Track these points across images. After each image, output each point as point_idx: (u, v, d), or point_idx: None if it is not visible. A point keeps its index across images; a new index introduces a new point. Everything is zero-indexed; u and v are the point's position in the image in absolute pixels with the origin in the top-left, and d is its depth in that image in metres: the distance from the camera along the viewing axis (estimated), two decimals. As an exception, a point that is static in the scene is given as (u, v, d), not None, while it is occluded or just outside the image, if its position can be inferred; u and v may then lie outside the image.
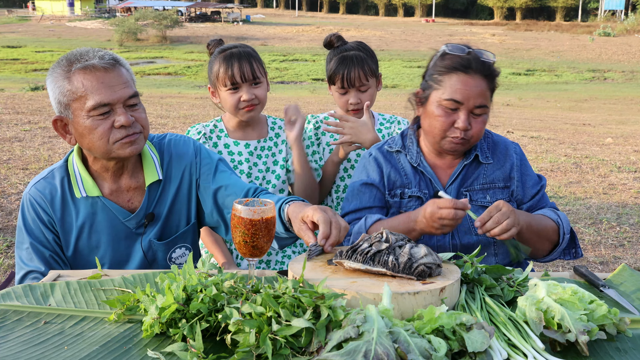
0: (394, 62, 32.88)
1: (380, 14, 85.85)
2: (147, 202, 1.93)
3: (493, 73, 1.96)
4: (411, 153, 2.09)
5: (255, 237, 1.44)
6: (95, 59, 1.76)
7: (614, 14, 69.94)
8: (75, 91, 1.75)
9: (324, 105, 14.19)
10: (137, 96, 1.84)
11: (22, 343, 1.29)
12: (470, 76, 1.91)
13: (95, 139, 1.77)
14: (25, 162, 6.72)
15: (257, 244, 1.45)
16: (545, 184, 2.15)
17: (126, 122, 1.77)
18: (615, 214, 5.60)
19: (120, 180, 1.91)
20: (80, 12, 69.15)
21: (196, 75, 28.00)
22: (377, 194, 2.09)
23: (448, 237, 2.03)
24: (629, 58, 35.73)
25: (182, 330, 1.26)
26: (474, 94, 1.91)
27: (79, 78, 1.74)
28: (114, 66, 1.78)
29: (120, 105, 1.77)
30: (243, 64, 2.36)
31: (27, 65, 29.73)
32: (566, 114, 15.20)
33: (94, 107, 1.74)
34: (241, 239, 1.45)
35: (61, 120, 1.83)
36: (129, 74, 1.84)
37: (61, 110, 1.80)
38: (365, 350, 1.08)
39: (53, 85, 1.79)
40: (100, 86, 1.74)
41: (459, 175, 2.06)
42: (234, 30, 49.42)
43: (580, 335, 1.22)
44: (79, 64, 1.76)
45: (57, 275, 1.67)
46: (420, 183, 2.07)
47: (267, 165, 2.51)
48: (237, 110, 2.41)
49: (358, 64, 2.49)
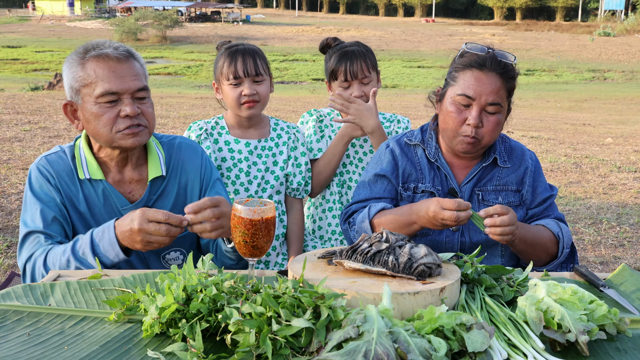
0: (394, 62, 32.88)
1: (380, 14, 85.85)
2: (147, 195, 1.94)
3: (510, 73, 1.94)
4: (430, 148, 2.09)
5: (255, 237, 1.44)
6: (109, 49, 1.82)
7: (614, 14, 69.94)
8: (86, 77, 1.79)
9: (324, 105, 14.17)
10: (147, 90, 1.87)
11: (22, 343, 1.29)
12: (484, 73, 1.90)
13: (100, 126, 1.80)
14: (25, 162, 6.72)
15: (257, 243, 1.45)
16: (556, 194, 2.14)
17: (131, 112, 1.79)
18: (615, 214, 5.60)
19: (124, 171, 1.93)
20: (80, 12, 69.18)
21: (196, 75, 28.01)
22: (388, 185, 2.09)
23: (457, 235, 2.03)
24: (629, 58, 35.73)
25: (182, 330, 1.26)
26: (486, 91, 1.89)
27: (91, 65, 1.79)
28: (127, 58, 1.83)
29: (128, 96, 1.81)
30: (247, 58, 2.38)
31: (27, 65, 29.74)
32: (566, 114, 15.21)
33: (102, 94, 1.78)
34: (241, 239, 1.45)
35: (71, 105, 1.87)
36: (142, 69, 1.88)
37: (72, 96, 1.85)
38: (365, 350, 1.08)
39: (67, 71, 1.84)
40: (111, 75, 1.79)
41: (475, 175, 2.06)
42: (234, 30, 49.41)
43: (580, 335, 1.22)
44: (93, 52, 1.81)
45: (57, 275, 1.67)
46: (435, 179, 2.06)
47: (267, 166, 2.52)
48: (238, 106, 2.41)
49: (360, 57, 2.52)
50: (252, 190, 2.48)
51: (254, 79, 2.40)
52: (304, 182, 2.57)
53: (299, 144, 2.57)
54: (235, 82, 2.39)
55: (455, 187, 2.04)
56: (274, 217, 1.46)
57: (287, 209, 2.60)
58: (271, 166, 2.52)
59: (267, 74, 2.45)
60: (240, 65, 2.37)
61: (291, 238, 2.59)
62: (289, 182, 2.56)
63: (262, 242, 1.45)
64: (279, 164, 2.53)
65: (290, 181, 2.55)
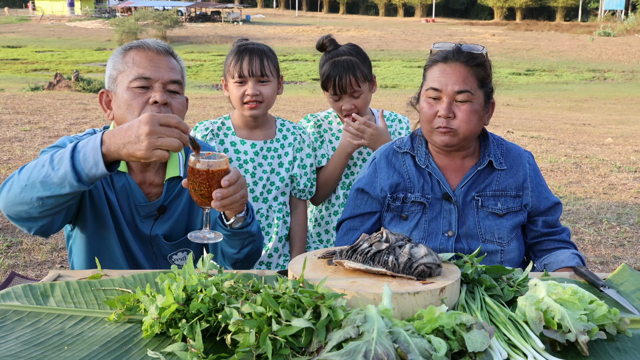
0: (394, 62, 32.88)
1: (380, 14, 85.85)
2: (164, 195, 1.94)
3: (477, 60, 1.95)
4: (420, 154, 2.08)
5: (202, 185, 1.54)
6: (152, 43, 1.88)
7: (614, 14, 69.95)
8: (124, 64, 1.84)
9: (324, 105, 14.19)
10: (180, 85, 1.89)
11: (22, 343, 1.29)
12: (449, 64, 1.94)
13: (129, 113, 1.81)
14: (25, 162, 6.72)
15: (203, 192, 1.55)
16: (560, 203, 2.14)
17: (160, 99, 1.80)
18: (615, 214, 5.60)
19: (146, 174, 1.93)
20: (80, 12, 69.21)
21: (196, 75, 28.00)
22: (367, 199, 2.11)
23: (452, 241, 2.01)
24: (629, 58, 35.73)
25: (182, 330, 1.26)
26: (452, 80, 1.92)
27: (132, 54, 1.85)
28: (166, 52, 1.88)
29: (160, 85, 1.83)
30: (253, 58, 2.37)
31: (27, 65, 29.74)
32: (566, 114, 15.21)
33: (135, 78, 1.81)
34: (191, 187, 1.55)
35: (107, 95, 1.89)
36: (179, 66, 1.91)
37: (109, 85, 1.88)
38: (365, 351, 1.08)
39: (110, 62, 1.89)
40: (148, 63, 1.83)
41: (470, 179, 2.03)
42: (234, 30, 49.40)
43: (580, 335, 1.22)
44: (136, 44, 1.88)
45: (57, 275, 1.67)
46: (424, 187, 2.05)
47: (272, 167, 2.51)
48: (241, 105, 2.41)
49: (349, 70, 2.48)
50: (257, 191, 2.48)
51: (258, 79, 2.39)
52: (310, 184, 2.56)
53: (304, 145, 2.56)
54: (239, 81, 2.39)
55: (449, 192, 2.02)
56: (222, 171, 1.55)
57: (291, 210, 2.60)
58: (277, 167, 2.52)
59: (275, 76, 2.43)
60: (245, 64, 2.36)
61: (294, 239, 2.58)
62: (296, 183, 2.55)
63: (208, 192, 1.55)
64: (284, 165, 2.52)
65: (297, 182, 2.54)
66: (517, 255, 2.05)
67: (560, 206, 2.13)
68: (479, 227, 2.01)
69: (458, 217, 2.01)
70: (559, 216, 2.11)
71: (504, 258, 2.03)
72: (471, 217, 2.01)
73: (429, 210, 2.03)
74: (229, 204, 1.59)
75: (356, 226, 2.14)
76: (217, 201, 1.55)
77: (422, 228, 2.03)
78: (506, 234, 2.02)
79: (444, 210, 2.03)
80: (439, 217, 2.03)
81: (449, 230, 2.01)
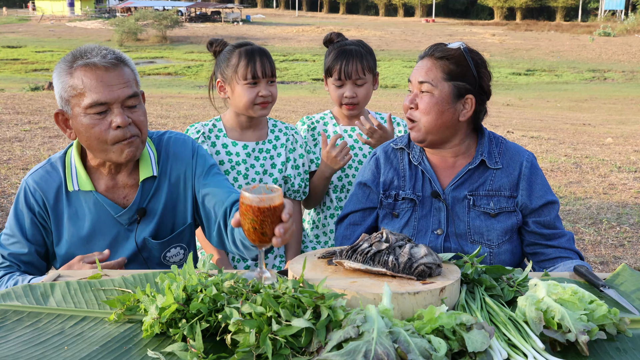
0: (394, 62, 32.88)
1: (380, 14, 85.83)
2: (139, 197, 1.93)
3: (444, 53, 1.97)
4: (414, 151, 2.10)
5: (263, 223, 1.42)
6: (97, 57, 1.77)
7: (614, 14, 69.92)
8: (75, 87, 1.76)
9: (324, 105, 14.19)
10: (137, 97, 1.83)
11: (22, 343, 1.29)
12: (421, 61, 2.02)
13: (92, 138, 1.79)
14: (25, 162, 6.72)
15: (265, 230, 1.44)
16: (559, 203, 2.08)
17: (122, 122, 1.76)
18: (615, 214, 5.60)
19: (118, 177, 1.92)
20: (80, 12, 69.15)
21: (196, 75, 28.00)
22: (370, 194, 2.13)
23: (441, 239, 2.00)
24: (629, 58, 35.73)
25: (182, 330, 1.26)
26: (417, 73, 1.99)
27: (79, 75, 1.75)
28: (115, 66, 1.78)
29: (118, 105, 1.77)
30: (264, 59, 2.40)
31: (27, 65, 29.75)
32: (566, 114, 15.21)
33: (91, 105, 1.75)
34: (250, 226, 1.43)
35: (62, 115, 1.84)
36: (132, 74, 1.84)
37: (62, 105, 1.82)
38: (365, 350, 1.08)
39: (57, 80, 1.81)
40: (99, 85, 1.75)
41: (461, 179, 2.02)
42: (234, 30, 49.40)
43: (580, 335, 1.22)
44: (81, 60, 1.77)
45: (57, 275, 1.66)
46: (416, 184, 2.05)
47: (265, 168, 2.50)
48: (252, 106, 2.40)
49: (357, 57, 2.53)
50: None
51: (269, 80, 2.41)
52: (304, 184, 2.56)
53: (297, 146, 2.56)
54: (252, 82, 2.38)
55: (439, 190, 2.01)
56: (281, 204, 1.45)
57: None
58: (269, 169, 2.51)
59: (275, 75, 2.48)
60: (259, 66, 2.37)
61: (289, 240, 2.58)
62: (290, 184, 2.54)
63: (270, 229, 1.44)
64: (277, 166, 2.52)
65: (292, 183, 2.54)
66: (509, 259, 2.02)
67: (556, 206, 2.04)
68: (469, 227, 2.00)
69: (447, 215, 2.01)
70: (554, 216, 2.03)
71: (493, 261, 2.00)
72: (462, 216, 2.00)
73: (419, 207, 2.04)
74: (289, 237, 1.48)
75: (358, 221, 2.14)
76: (279, 237, 1.43)
77: (412, 225, 2.04)
78: (496, 236, 1.99)
79: (434, 209, 2.03)
80: (429, 215, 2.03)
81: (438, 229, 2.01)
